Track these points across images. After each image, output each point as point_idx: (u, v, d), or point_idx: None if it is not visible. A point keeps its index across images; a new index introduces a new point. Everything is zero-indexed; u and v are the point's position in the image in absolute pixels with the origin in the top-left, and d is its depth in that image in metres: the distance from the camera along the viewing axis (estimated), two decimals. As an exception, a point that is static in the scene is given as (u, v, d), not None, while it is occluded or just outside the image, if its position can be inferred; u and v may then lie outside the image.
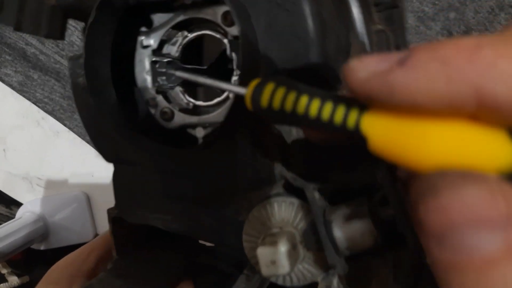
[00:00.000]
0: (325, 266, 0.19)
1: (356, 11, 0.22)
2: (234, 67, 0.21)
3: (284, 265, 0.17)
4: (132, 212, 0.26)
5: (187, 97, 0.23)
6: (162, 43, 0.22)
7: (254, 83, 0.14)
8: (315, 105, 0.12)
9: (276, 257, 0.17)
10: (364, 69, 0.11)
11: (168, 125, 0.22)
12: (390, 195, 0.14)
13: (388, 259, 0.19)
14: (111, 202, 0.45)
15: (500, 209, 0.09)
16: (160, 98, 0.23)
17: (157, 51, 0.22)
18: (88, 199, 0.64)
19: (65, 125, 0.62)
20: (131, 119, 0.23)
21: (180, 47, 0.23)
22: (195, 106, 0.23)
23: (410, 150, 0.11)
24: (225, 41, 0.21)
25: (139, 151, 0.22)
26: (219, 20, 0.20)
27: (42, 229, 0.61)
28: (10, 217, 0.67)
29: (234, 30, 0.20)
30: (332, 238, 0.17)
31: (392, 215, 0.16)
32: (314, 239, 0.18)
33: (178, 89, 0.23)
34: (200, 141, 0.22)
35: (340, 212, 0.18)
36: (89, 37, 0.21)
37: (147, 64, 0.23)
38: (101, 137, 0.23)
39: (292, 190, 0.20)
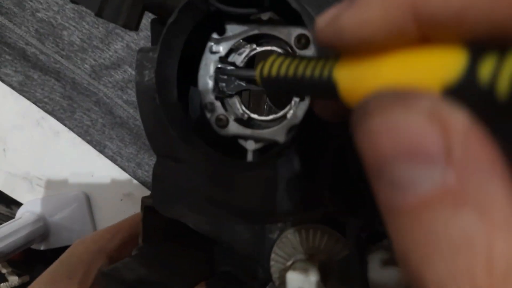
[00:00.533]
0: None
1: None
2: None
3: None
4: (167, 206, 0.26)
5: (243, 108, 0.23)
6: (229, 52, 0.23)
7: (261, 62, 0.16)
8: (302, 64, 0.13)
9: (305, 285, 0.17)
10: (323, 19, 0.11)
11: (221, 131, 0.23)
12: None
13: None
14: (111, 202, 0.45)
15: (436, 140, 0.08)
16: (218, 104, 0.23)
17: (223, 58, 0.23)
18: (88, 199, 0.64)
19: (65, 125, 0.62)
20: (188, 119, 0.23)
21: (246, 58, 0.23)
22: (249, 118, 0.23)
23: (366, 86, 0.10)
24: None
25: (191, 151, 0.23)
26: (292, 41, 0.21)
27: (42, 229, 0.61)
28: (10, 217, 0.67)
29: (305, 53, 0.21)
30: (366, 278, 0.17)
31: None
32: (346, 275, 0.18)
33: (236, 98, 0.23)
34: (250, 153, 0.23)
35: (378, 254, 0.17)
36: (167, 35, 0.21)
37: (211, 69, 0.23)
38: (156, 130, 0.24)
39: (332, 221, 0.20)
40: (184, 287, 0.27)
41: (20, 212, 0.62)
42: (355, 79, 0.11)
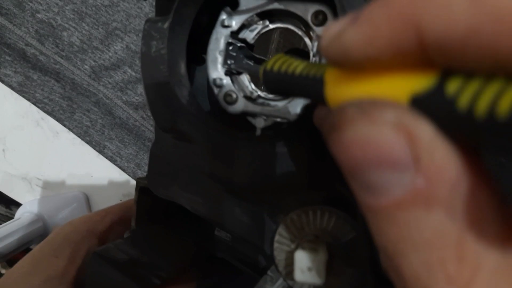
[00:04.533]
0: (353, 285, 0.18)
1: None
2: None
3: (320, 275, 0.16)
4: (163, 187, 0.25)
5: (253, 86, 0.23)
6: (241, 27, 0.22)
7: (266, 62, 0.16)
8: (300, 64, 0.14)
9: (314, 265, 0.16)
10: (327, 35, 0.11)
11: (229, 108, 0.22)
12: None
13: None
14: (110, 202, 0.45)
15: (404, 149, 0.09)
16: (227, 80, 0.22)
17: (234, 34, 0.22)
18: (88, 200, 0.64)
19: (64, 125, 0.62)
20: (197, 93, 0.22)
21: (258, 35, 0.22)
22: (258, 96, 0.22)
23: (348, 93, 0.11)
24: (307, 39, 0.21)
25: (197, 125, 0.22)
26: (309, 17, 0.20)
27: (41, 229, 0.61)
28: (10, 217, 0.67)
29: (322, 30, 0.20)
30: (376, 257, 0.17)
31: None
32: (353, 256, 0.18)
33: (245, 76, 0.23)
34: (259, 131, 0.22)
35: None
36: (180, 3, 0.21)
37: (222, 44, 0.22)
38: (161, 103, 0.23)
39: (338, 203, 0.19)
40: (175, 269, 0.26)
41: (19, 213, 0.62)
42: (340, 85, 0.11)
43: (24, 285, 0.26)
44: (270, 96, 0.22)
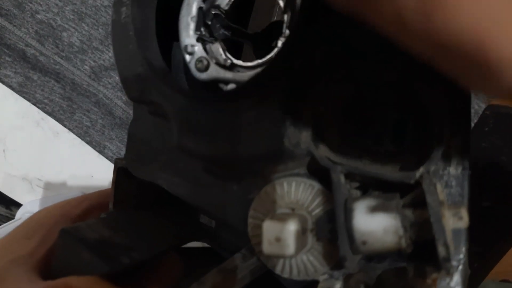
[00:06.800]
0: (331, 262, 0.17)
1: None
2: (283, 29, 0.20)
3: (289, 245, 0.15)
4: (141, 166, 0.24)
5: (227, 54, 0.22)
6: None
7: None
8: None
9: (282, 235, 0.15)
10: None
11: (201, 76, 0.21)
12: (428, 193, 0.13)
13: (406, 273, 0.16)
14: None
15: None
16: (199, 46, 0.22)
17: None
18: (88, 200, 0.64)
19: (64, 126, 0.62)
20: (167, 60, 0.22)
21: (231, 1, 0.22)
22: (232, 64, 0.22)
23: None
24: (280, 1, 0.20)
25: (166, 94, 0.21)
26: None
27: (42, 230, 0.61)
28: (10, 217, 0.67)
29: None
30: (350, 227, 0.15)
31: (423, 219, 0.15)
32: (328, 229, 0.17)
33: (219, 44, 0.22)
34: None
35: (365, 202, 0.16)
36: None
37: (194, 10, 0.21)
38: (130, 72, 0.22)
39: (315, 172, 0.18)
40: (150, 252, 0.25)
41: (19, 213, 0.62)
42: None
43: None
44: (244, 64, 0.21)
